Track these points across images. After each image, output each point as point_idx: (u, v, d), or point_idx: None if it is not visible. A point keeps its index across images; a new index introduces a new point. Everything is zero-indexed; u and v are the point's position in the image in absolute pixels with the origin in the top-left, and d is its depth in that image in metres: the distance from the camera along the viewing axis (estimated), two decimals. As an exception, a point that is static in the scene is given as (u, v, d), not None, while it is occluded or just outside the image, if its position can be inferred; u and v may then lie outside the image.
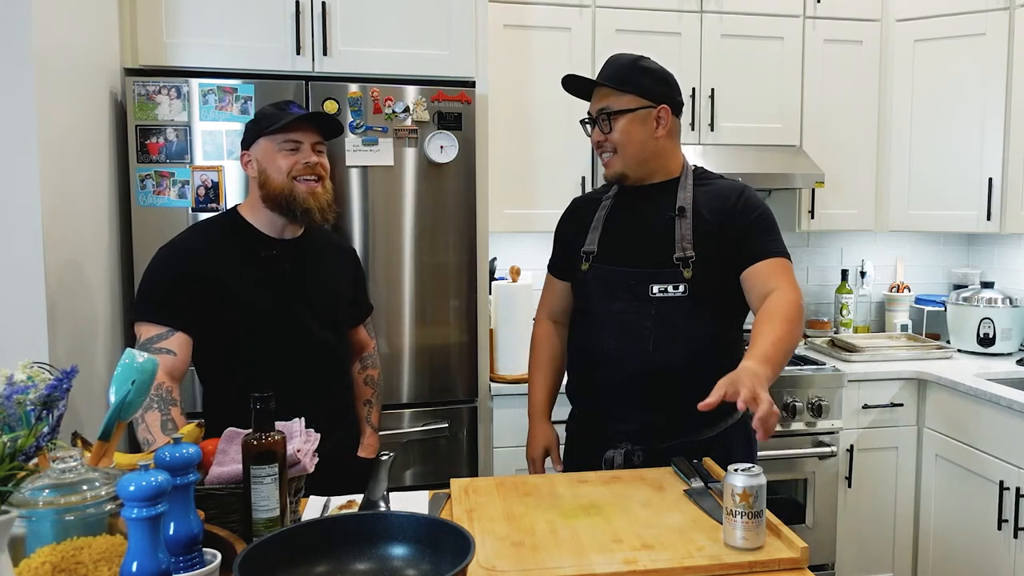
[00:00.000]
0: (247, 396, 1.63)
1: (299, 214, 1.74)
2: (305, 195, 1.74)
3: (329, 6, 2.41)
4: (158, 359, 1.59)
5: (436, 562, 1.03)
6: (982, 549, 2.58)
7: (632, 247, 1.77)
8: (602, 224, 1.83)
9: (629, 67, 1.76)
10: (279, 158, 1.73)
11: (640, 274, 1.73)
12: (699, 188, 1.78)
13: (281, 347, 1.76)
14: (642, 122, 1.74)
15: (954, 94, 3.03)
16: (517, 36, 2.82)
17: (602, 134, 1.76)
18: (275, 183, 1.73)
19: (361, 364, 2.05)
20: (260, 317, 1.74)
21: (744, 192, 1.76)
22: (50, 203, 1.82)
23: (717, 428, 1.74)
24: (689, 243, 1.70)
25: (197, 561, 1.06)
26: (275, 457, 1.21)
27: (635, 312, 1.72)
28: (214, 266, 1.73)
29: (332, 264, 1.91)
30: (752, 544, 1.23)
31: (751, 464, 1.28)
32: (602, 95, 1.76)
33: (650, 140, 1.75)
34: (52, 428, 1.03)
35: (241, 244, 1.77)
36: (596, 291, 1.79)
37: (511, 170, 2.85)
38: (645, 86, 1.74)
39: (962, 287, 3.27)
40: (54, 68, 1.88)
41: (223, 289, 1.72)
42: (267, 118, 1.75)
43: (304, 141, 1.75)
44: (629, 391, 1.74)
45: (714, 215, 1.73)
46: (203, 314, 1.70)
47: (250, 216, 1.80)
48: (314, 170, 1.75)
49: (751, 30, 3.00)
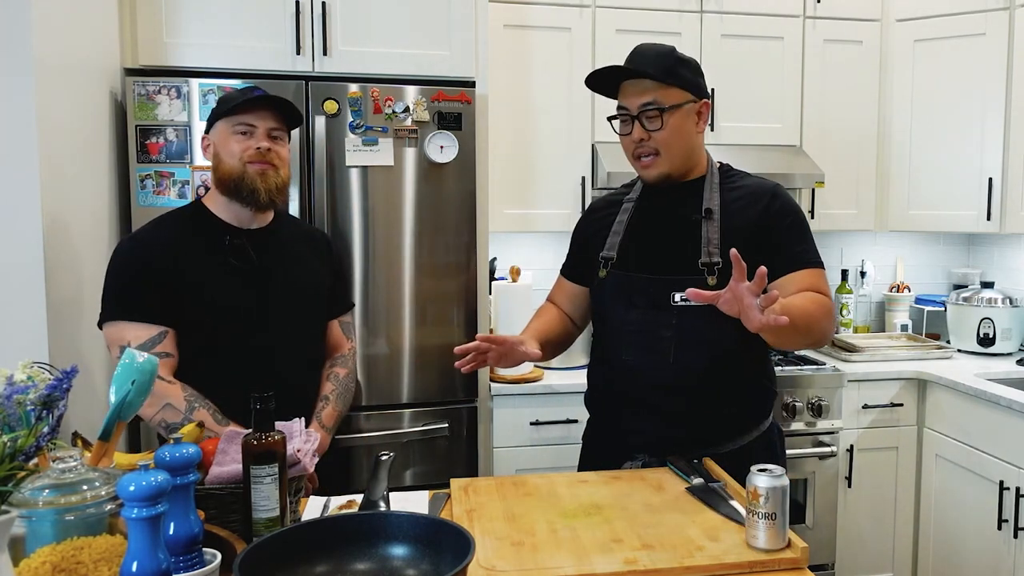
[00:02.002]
0: (212, 387, 1.64)
1: (245, 194, 1.68)
2: (253, 175, 1.68)
3: (329, 6, 2.41)
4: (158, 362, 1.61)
5: (436, 562, 1.03)
6: (982, 549, 2.58)
7: (654, 252, 1.68)
8: (624, 228, 1.73)
9: (669, 57, 1.63)
10: (232, 142, 1.68)
11: (661, 281, 1.63)
12: (727, 187, 1.68)
13: (245, 338, 1.70)
14: (687, 118, 1.63)
15: (954, 94, 3.03)
16: (517, 36, 2.82)
17: (646, 132, 1.62)
18: (226, 166, 1.68)
19: (331, 362, 1.91)
20: (224, 308, 1.69)
21: (776, 194, 1.67)
22: (50, 203, 1.82)
23: (739, 442, 1.67)
24: (716, 247, 1.60)
25: (197, 561, 1.06)
26: (275, 457, 1.21)
27: (654, 321, 1.63)
28: (179, 258, 1.68)
29: (303, 254, 1.85)
30: (774, 545, 1.22)
31: (773, 465, 1.26)
32: (642, 88, 1.61)
33: (693, 137, 1.66)
34: (52, 428, 1.03)
35: (205, 235, 1.72)
36: (614, 299, 1.70)
37: (511, 170, 2.85)
38: (688, 78, 1.63)
39: (962, 287, 3.27)
40: (54, 68, 1.88)
41: (188, 281, 1.67)
42: (225, 101, 1.70)
43: (258, 125, 1.69)
44: (647, 403, 1.66)
45: (744, 218, 1.63)
46: (171, 305, 1.66)
47: (214, 207, 1.75)
48: (265, 156, 1.68)
49: (751, 30, 3.00)
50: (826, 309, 1.57)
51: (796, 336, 1.54)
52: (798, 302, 1.51)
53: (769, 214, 1.63)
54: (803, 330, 1.51)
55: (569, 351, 2.79)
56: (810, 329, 1.52)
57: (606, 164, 2.79)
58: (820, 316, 1.54)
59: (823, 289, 1.61)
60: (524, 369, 2.69)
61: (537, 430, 2.62)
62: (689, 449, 1.63)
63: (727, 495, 1.45)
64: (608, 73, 1.64)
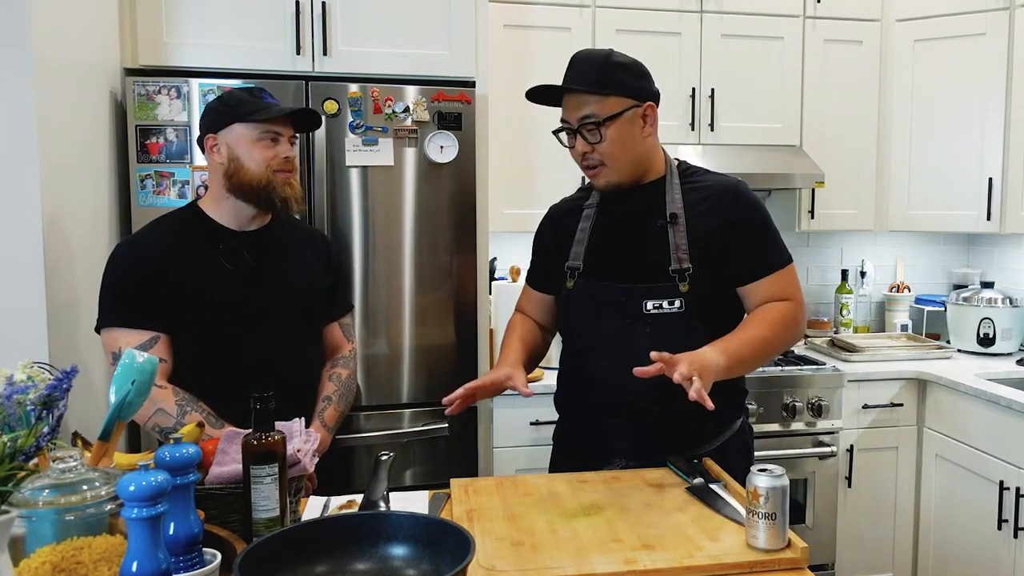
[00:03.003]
0: (211, 390, 1.65)
1: (278, 203, 1.70)
2: (281, 184, 1.69)
3: (329, 6, 2.41)
4: None
5: (436, 562, 1.03)
6: (982, 549, 2.58)
7: (622, 260, 1.65)
8: (587, 236, 1.70)
9: (604, 65, 1.58)
10: (257, 149, 1.67)
11: (632, 290, 1.60)
12: (688, 188, 1.65)
13: (243, 340, 1.70)
14: (630, 125, 1.59)
15: (954, 94, 3.03)
16: (517, 36, 2.83)
17: (588, 145, 1.59)
18: (252, 174, 1.67)
19: (332, 363, 1.89)
20: (221, 310, 1.69)
21: (739, 192, 1.64)
22: (50, 203, 1.82)
23: (717, 441, 1.67)
24: (684, 253, 1.58)
25: (197, 561, 1.06)
26: (275, 457, 1.21)
27: (628, 331, 1.61)
28: (174, 261, 1.67)
29: (302, 254, 1.84)
30: (774, 545, 1.22)
31: (773, 465, 1.26)
32: (580, 101, 1.58)
33: (640, 142, 1.61)
34: (52, 428, 1.03)
35: (203, 237, 1.72)
36: (584, 309, 1.67)
37: (511, 170, 2.85)
38: (627, 84, 1.58)
39: (962, 287, 3.28)
40: (54, 68, 1.88)
41: (183, 284, 1.66)
42: (243, 104, 1.68)
43: (284, 133, 1.71)
44: (624, 410, 1.64)
45: (709, 220, 1.61)
46: (168, 310, 1.65)
47: (212, 209, 1.74)
48: (292, 164, 1.72)
49: (751, 30, 3.00)
50: (787, 320, 1.59)
51: (756, 364, 1.59)
52: (749, 333, 1.55)
53: (733, 215, 1.62)
54: (764, 356, 1.57)
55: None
56: (770, 352, 1.58)
57: (606, 164, 2.79)
58: (778, 333, 1.58)
59: (789, 291, 1.62)
60: (524, 369, 2.68)
61: (537, 430, 2.62)
62: (666, 453, 1.63)
63: (727, 495, 1.45)
64: (538, 93, 1.62)
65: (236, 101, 1.69)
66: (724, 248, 1.60)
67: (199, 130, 1.74)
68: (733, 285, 1.64)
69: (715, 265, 1.59)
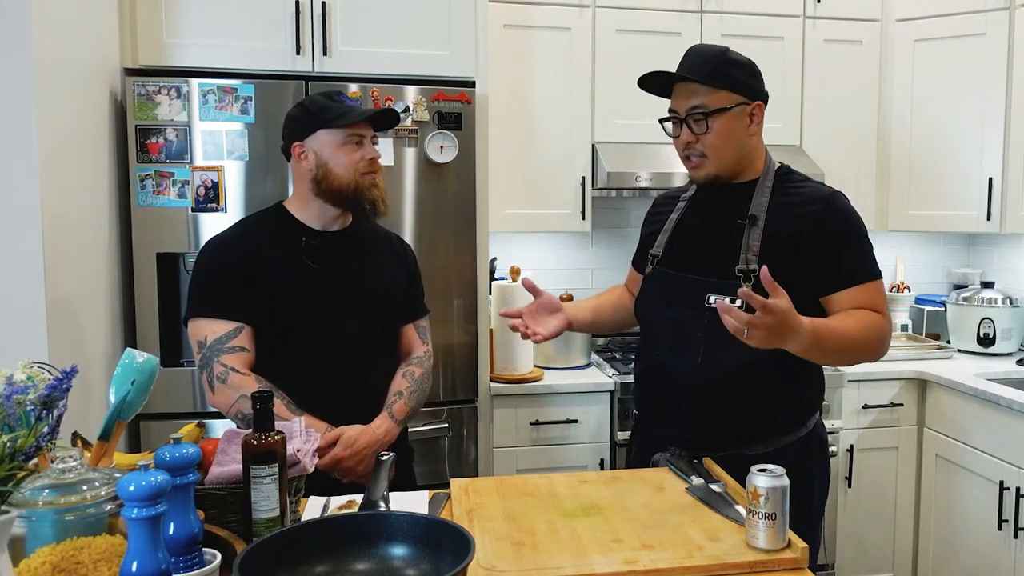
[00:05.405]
0: (288, 385, 1.69)
1: (367, 206, 1.75)
2: (369, 186, 1.74)
3: (329, 6, 2.41)
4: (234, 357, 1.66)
5: (436, 562, 1.03)
6: (982, 549, 2.58)
7: (696, 253, 1.68)
8: (673, 227, 1.76)
9: (719, 59, 1.62)
10: (344, 153, 1.71)
11: (700, 283, 1.63)
12: (780, 192, 1.65)
13: (323, 338, 1.74)
14: (737, 120, 1.62)
15: (954, 94, 3.03)
16: (517, 36, 2.82)
17: (693, 135, 1.62)
18: (341, 178, 1.72)
19: (407, 362, 1.89)
20: (301, 308, 1.73)
21: (830, 203, 1.62)
22: (50, 203, 1.82)
23: (770, 446, 1.62)
24: (755, 255, 1.58)
25: (197, 561, 1.06)
26: (275, 457, 1.21)
27: (688, 323, 1.63)
28: (261, 258, 1.72)
29: (382, 256, 1.88)
30: (774, 545, 1.22)
31: (773, 465, 1.25)
32: (690, 91, 1.61)
33: (744, 139, 1.64)
34: (52, 428, 1.03)
35: (287, 237, 1.76)
36: (654, 296, 1.73)
37: (511, 170, 2.85)
38: (738, 80, 1.61)
39: (962, 287, 3.27)
40: (54, 68, 1.88)
41: (270, 281, 1.71)
42: (326, 110, 1.72)
43: (366, 135, 1.75)
44: (676, 399, 1.67)
45: (790, 227, 1.60)
46: (253, 304, 1.70)
47: (297, 211, 1.78)
48: (376, 164, 1.76)
49: (751, 30, 2.99)
50: (876, 331, 1.56)
51: (833, 358, 1.59)
52: (842, 325, 1.53)
53: (819, 225, 1.60)
54: (844, 355, 1.56)
55: (568, 351, 2.83)
56: (852, 354, 1.56)
57: (606, 164, 2.79)
58: (866, 340, 1.55)
59: (878, 305, 1.59)
60: (524, 369, 2.69)
61: (537, 430, 2.62)
62: (716, 448, 1.63)
63: (727, 495, 1.45)
64: (657, 77, 1.64)
65: (318, 107, 1.73)
66: (803, 257, 1.58)
67: (283, 139, 1.78)
68: (813, 295, 1.60)
69: (788, 272, 1.49)
